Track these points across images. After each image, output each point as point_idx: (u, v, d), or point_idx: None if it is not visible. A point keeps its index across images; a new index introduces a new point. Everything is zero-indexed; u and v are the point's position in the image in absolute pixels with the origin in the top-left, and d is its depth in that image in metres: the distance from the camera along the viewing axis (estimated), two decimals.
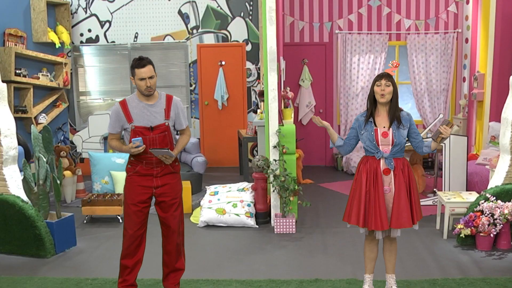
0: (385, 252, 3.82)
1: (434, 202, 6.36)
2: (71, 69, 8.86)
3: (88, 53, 9.02)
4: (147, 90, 3.60)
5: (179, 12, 8.89)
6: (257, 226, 5.77)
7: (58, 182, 5.07)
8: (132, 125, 3.62)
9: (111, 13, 8.87)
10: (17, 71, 7.53)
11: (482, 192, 5.08)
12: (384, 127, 3.61)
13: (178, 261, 3.88)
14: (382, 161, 3.60)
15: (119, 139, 3.79)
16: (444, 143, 6.23)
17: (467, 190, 6.29)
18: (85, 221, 6.01)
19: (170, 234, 3.78)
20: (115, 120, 3.68)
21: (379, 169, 3.59)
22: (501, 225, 4.78)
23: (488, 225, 4.78)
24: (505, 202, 4.85)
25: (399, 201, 3.55)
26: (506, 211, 4.74)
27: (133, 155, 3.69)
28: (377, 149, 3.60)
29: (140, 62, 3.57)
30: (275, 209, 5.76)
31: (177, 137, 3.91)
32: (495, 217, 4.77)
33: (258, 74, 8.91)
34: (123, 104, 3.66)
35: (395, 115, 3.62)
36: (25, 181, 5.02)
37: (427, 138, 6.60)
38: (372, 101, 3.67)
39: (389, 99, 3.62)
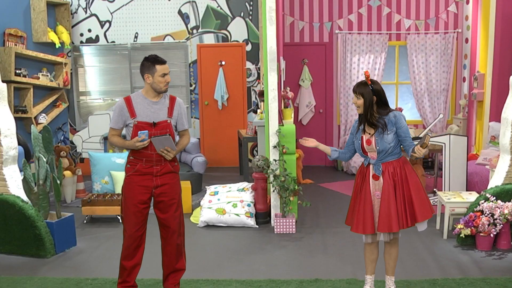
0: (385, 254, 3.83)
1: (434, 202, 6.36)
2: (71, 69, 8.86)
3: (88, 53, 9.02)
4: (166, 86, 3.64)
5: (179, 12, 8.89)
6: (257, 226, 5.77)
7: (58, 182, 5.07)
8: (135, 120, 3.63)
9: (111, 13, 8.88)
10: (17, 71, 7.53)
11: (482, 192, 5.08)
12: (369, 133, 3.62)
13: (179, 262, 3.88)
14: (370, 167, 3.64)
15: (120, 136, 3.79)
16: (444, 143, 6.23)
17: (467, 190, 6.29)
18: (85, 221, 6.01)
19: (170, 236, 3.77)
20: (119, 115, 3.69)
21: (368, 174, 3.65)
22: (501, 225, 4.78)
23: (488, 225, 4.78)
24: (505, 202, 4.85)
25: (385, 205, 3.55)
26: (506, 211, 4.74)
27: (132, 154, 3.69)
28: (365, 156, 3.66)
29: (160, 59, 3.63)
30: (275, 209, 5.76)
31: (177, 138, 3.92)
32: (495, 217, 4.77)
33: (258, 74, 8.91)
34: (127, 99, 3.69)
35: (369, 122, 3.57)
36: (25, 181, 5.02)
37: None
38: None
39: (362, 112, 3.62)
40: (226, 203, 5.81)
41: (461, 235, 4.88)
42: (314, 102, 9.12)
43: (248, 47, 8.91)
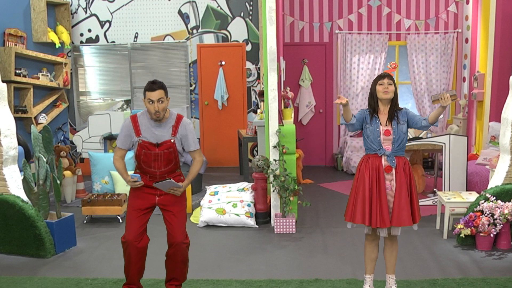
0: (386, 252, 3.83)
1: (434, 202, 6.36)
2: (71, 69, 8.86)
3: (88, 53, 9.02)
4: (155, 114, 3.57)
5: (179, 12, 8.89)
6: (257, 226, 5.77)
7: (58, 182, 5.07)
8: (139, 138, 3.64)
9: (111, 13, 8.88)
10: (17, 71, 7.53)
11: (482, 192, 5.08)
12: (386, 124, 3.66)
13: (180, 272, 3.84)
14: (384, 159, 3.63)
15: (123, 158, 3.76)
16: (444, 143, 6.23)
17: (467, 190, 6.29)
18: (85, 221, 6.01)
19: (174, 246, 3.71)
20: (126, 134, 3.69)
21: (381, 166, 3.62)
22: (501, 225, 4.78)
23: (488, 225, 4.78)
24: (505, 202, 4.85)
25: (400, 199, 3.57)
26: (506, 211, 4.74)
27: (138, 168, 3.73)
28: (380, 146, 3.63)
29: (151, 86, 3.56)
30: (275, 209, 5.76)
31: (183, 158, 3.87)
32: (495, 217, 4.77)
33: (258, 74, 8.91)
34: (134, 119, 3.69)
35: (394, 113, 3.67)
36: (25, 181, 5.01)
37: (427, 138, 6.61)
38: (375, 100, 3.71)
39: (392, 97, 3.67)
40: (226, 203, 5.81)
41: (461, 235, 4.88)
42: (314, 102, 9.12)
43: (248, 47, 8.91)
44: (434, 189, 6.57)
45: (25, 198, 4.95)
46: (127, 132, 3.68)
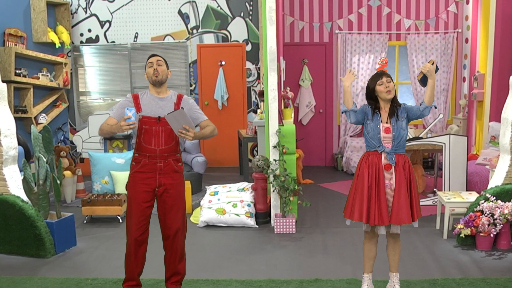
0: (389, 251, 3.82)
1: (434, 202, 6.36)
2: (71, 69, 8.86)
3: (88, 53, 9.02)
4: (154, 74, 3.65)
5: (179, 12, 8.89)
6: (257, 226, 5.77)
7: (58, 182, 5.07)
8: (140, 114, 3.64)
9: (111, 13, 8.88)
10: (17, 71, 7.53)
11: (482, 192, 5.08)
12: (386, 122, 3.65)
13: (179, 264, 3.86)
14: (383, 156, 3.62)
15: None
16: (444, 143, 6.23)
17: (467, 190, 6.29)
18: (85, 221, 6.01)
19: (171, 238, 3.74)
20: (123, 106, 3.67)
21: (380, 164, 3.62)
22: (501, 225, 4.78)
23: (488, 225, 4.78)
24: (505, 202, 4.85)
25: (399, 197, 3.57)
26: (506, 211, 4.74)
27: (137, 151, 3.67)
28: (380, 143, 3.63)
29: (152, 54, 3.79)
30: (275, 209, 5.76)
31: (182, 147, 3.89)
32: (495, 217, 4.77)
33: (258, 74, 8.91)
34: (135, 95, 3.74)
35: (394, 110, 3.67)
36: (25, 181, 5.02)
37: (427, 138, 6.61)
38: (374, 99, 3.70)
39: (394, 95, 3.67)
40: (226, 203, 5.81)
41: (461, 235, 4.88)
42: (314, 102, 9.12)
43: (248, 47, 8.91)
44: (434, 189, 6.57)
45: (25, 198, 4.95)
46: (126, 105, 3.68)
